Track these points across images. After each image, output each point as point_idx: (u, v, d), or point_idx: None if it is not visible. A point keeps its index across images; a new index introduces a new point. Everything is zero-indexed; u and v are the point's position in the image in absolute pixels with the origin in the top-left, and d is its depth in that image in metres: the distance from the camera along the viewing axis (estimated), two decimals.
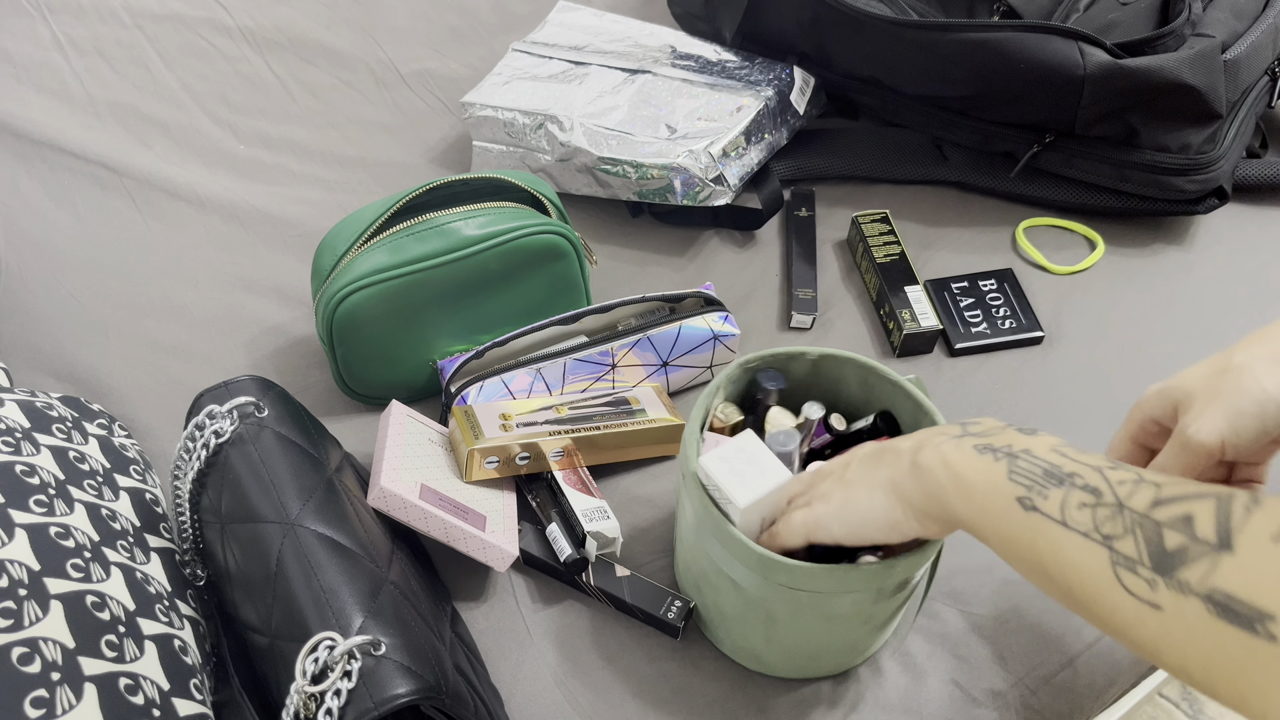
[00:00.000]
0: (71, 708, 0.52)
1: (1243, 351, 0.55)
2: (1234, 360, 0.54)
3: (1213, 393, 0.54)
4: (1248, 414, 0.53)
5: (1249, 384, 0.53)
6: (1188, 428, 0.54)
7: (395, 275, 0.80)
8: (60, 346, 0.93)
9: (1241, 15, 0.96)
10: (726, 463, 0.62)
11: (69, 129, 1.12)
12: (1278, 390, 0.53)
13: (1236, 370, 0.54)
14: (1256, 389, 0.53)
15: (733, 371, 0.70)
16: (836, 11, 1.00)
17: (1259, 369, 0.53)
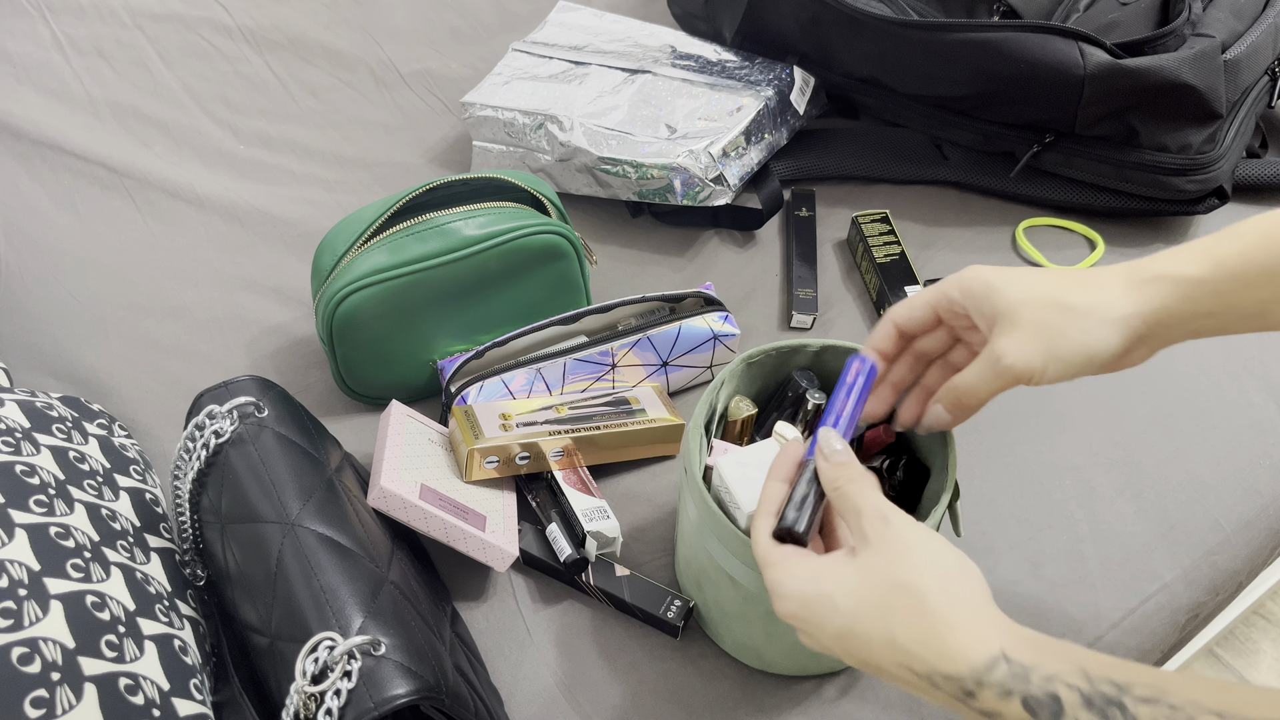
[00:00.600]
0: (71, 708, 0.52)
1: (1080, 292, 0.53)
2: (1070, 299, 0.53)
3: (1040, 326, 0.52)
4: (1066, 362, 0.52)
5: (1078, 337, 0.52)
6: (1005, 356, 0.53)
7: (395, 275, 0.80)
8: (60, 346, 0.93)
9: (1241, 15, 0.96)
10: (742, 468, 0.62)
11: (69, 129, 1.12)
12: (1101, 349, 0.52)
13: (1072, 313, 0.52)
14: (1081, 344, 0.52)
15: (736, 367, 0.70)
16: (836, 11, 1.00)
17: (1092, 324, 0.52)
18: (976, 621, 0.47)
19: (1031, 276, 0.55)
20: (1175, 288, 0.52)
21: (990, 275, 0.55)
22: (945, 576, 0.48)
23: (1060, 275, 0.55)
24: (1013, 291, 0.54)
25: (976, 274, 0.56)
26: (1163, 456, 0.84)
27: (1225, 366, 0.89)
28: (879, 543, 0.49)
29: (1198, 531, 0.80)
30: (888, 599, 0.48)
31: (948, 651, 0.46)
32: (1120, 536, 0.79)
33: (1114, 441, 0.84)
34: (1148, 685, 0.43)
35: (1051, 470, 0.83)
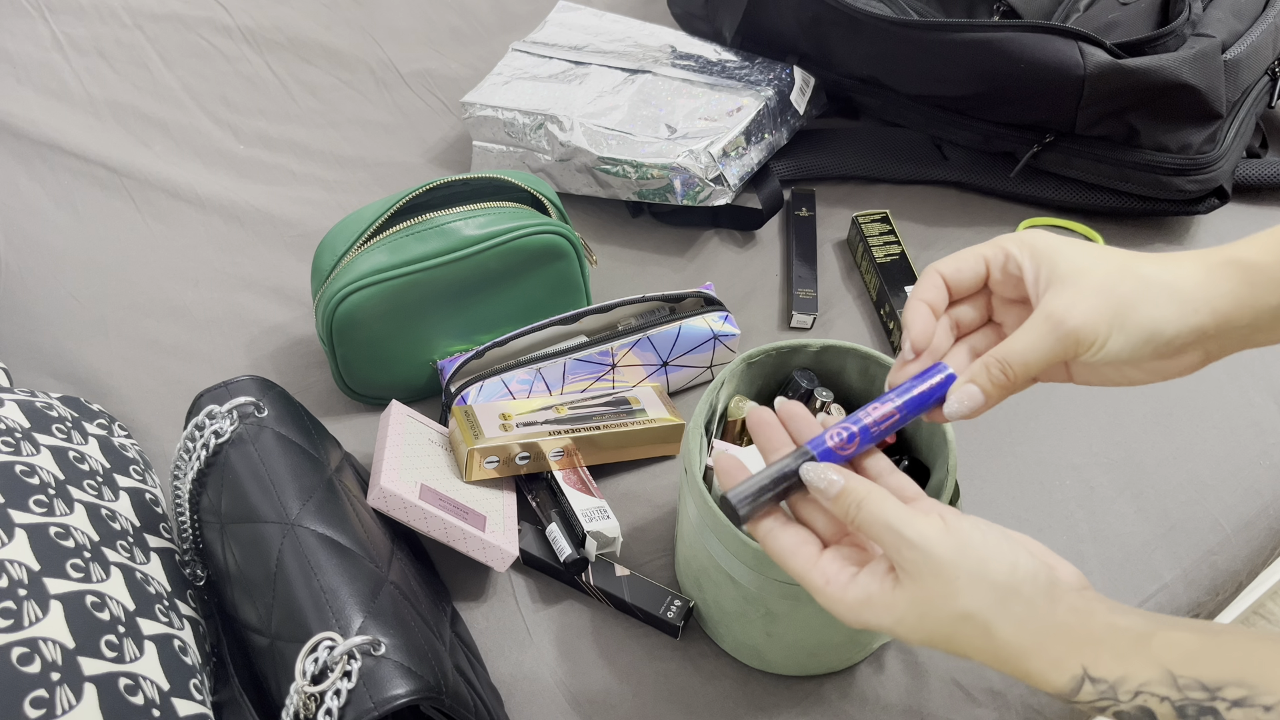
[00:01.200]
0: (71, 708, 0.52)
1: (1152, 264, 0.49)
2: (1142, 269, 0.49)
3: (1108, 289, 0.48)
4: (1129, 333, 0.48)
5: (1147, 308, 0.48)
6: (1068, 316, 0.48)
7: (395, 275, 0.80)
8: (60, 346, 0.93)
9: (1241, 15, 0.96)
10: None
11: (69, 129, 1.12)
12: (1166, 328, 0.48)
13: (1145, 281, 0.48)
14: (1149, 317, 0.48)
15: (736, 367, 0.70)
16: (836, 11, 1.00)
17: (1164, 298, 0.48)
18: (1049, 641, 0.45)
19: (1097, 246, 0.50)
20: (1244, 274, 0.48)
21: (1055, 238, 0.51)
22: (1003, 598, 0.45)
23: (1126, 251, 0.50)
24: (1078, 255, 0.49)
25: (1039, 233, 0.51)
26: (1163, 456, 0.84)
27: (1225, 366, 0.89)
28: (924, 574, 0.46)
29: (1198, 531, 0.80)
30: (952, 632, 0.46)
31: (1029, 677, 0.45)
32: (1120, 536, 0.79)
33: (1114, 441, 0.84)
34: (1239, 684, 0.42)
35: (1051, 470, 0.83)
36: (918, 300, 0.53)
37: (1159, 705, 0.43)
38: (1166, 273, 0.48)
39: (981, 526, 0.47)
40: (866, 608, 0.47)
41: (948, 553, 0.46)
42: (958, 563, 0.45)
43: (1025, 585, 0.46)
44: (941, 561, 0.46)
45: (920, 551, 0.46)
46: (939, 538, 0.46)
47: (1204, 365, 0.50)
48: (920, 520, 0.47)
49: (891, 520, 0.47)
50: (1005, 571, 0.46)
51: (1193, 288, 0.48)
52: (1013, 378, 0.50)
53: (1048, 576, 0.46)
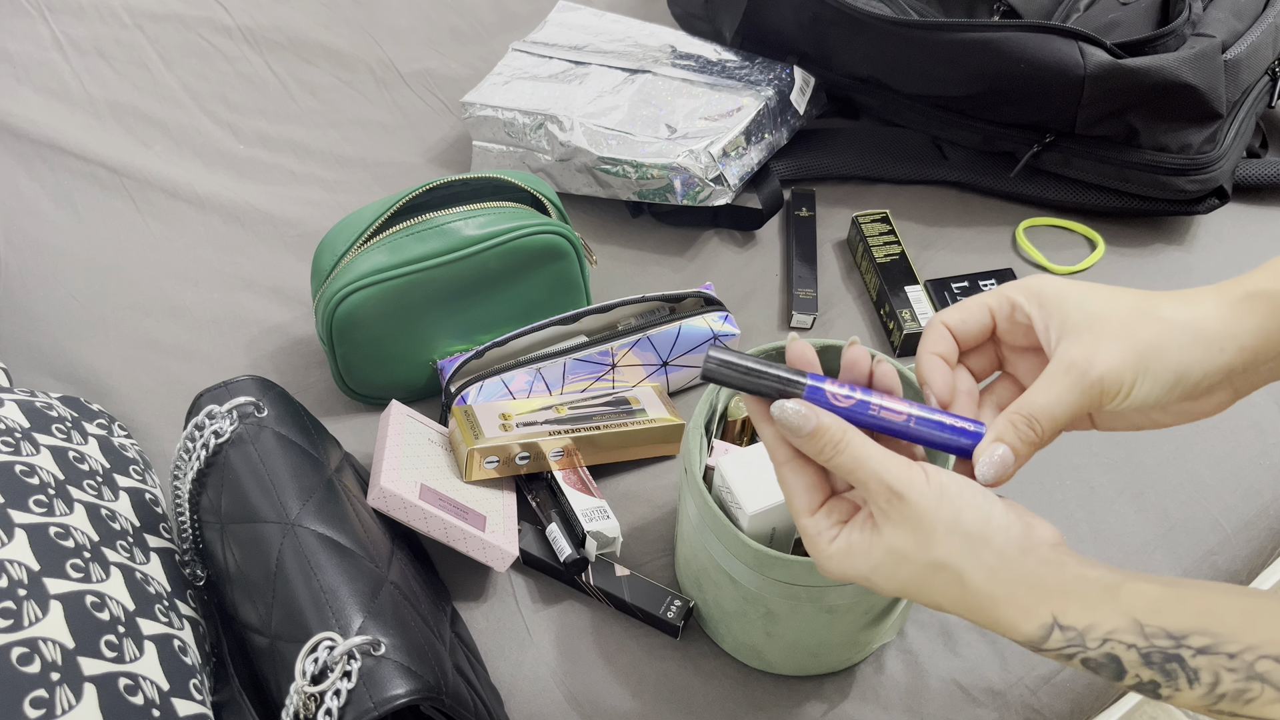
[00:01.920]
0: (71, 708, 0.52)
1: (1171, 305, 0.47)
2: (1162, 311, 0.47)
3: (1129, 334, 0.47)
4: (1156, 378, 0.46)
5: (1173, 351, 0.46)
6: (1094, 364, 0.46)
7: (395, 275, 0.80)
8: (60, 346, 0.93)
9: (1242, 15, 0.96)
10: (744, 468, 0.62)
11: (69, 129, 1.12)
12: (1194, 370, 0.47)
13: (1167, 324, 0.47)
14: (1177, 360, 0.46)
15: None
16: (836, 11, 1.00)
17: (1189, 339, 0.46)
18: (1019, 590, 0.45)
19: (1105, 289, 0.48)
20: (1268, 306, 0.47)
21: (1062, 283, 0.49)
22: (976, 547, 0.45)
23: (1140, 290, 0.49)
24: (1092, 302, 0.48)
25: (1046, 280, 0.50)
26: (1163, 456, 0.84)
27: None
28: (900, 521, 0.46)
29: (1198, 531, 0.80)
30: (926, 580, 0.46)
31: (999, 625, 0.46)
32: (1120, 536, 0.79)
33: (1114, 441, 0.84)
34: (1203, 632, 0.42)
35: (1051, 470, 0.83)
36: (929, 354, 0.51)
37: (1125, 652, 0.43)
38: (1187, 313, 0.47)
39: (959, 480, 0.47)
40: (846, 558, 0.48)
41: (927, 502, 0.45)
42: (935, 512, 0.45)
43: (998, 535, 0.46)
44: (920, 509, 0.45)
45: (901, 498, 0.46)
46: (920, 486, 0.46)
47: (1234, 403, 0.50)
48: (902, 467, 0.46)
49: (874, 465, 0.46)
50: (979, 521, 0.46)
51: (1217, 327, 0.47)
52: (1041, 433, 0.48)
53: (1021, 530, 0.46)
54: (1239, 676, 0.42)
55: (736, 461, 0.62)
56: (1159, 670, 0.43)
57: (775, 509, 0.61)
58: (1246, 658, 0.42)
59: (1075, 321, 0.48)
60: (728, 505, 0.63)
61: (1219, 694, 0.42)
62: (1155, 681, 0.43)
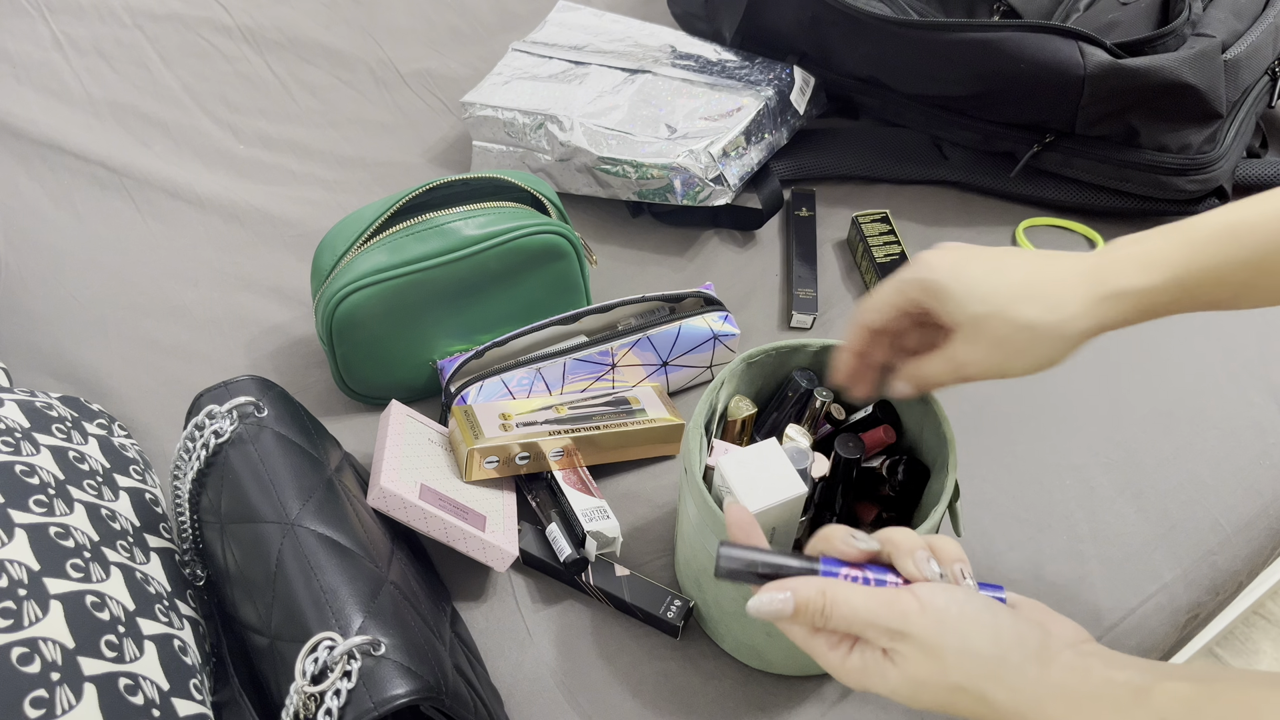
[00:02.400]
0: (71, 708, 0.52)
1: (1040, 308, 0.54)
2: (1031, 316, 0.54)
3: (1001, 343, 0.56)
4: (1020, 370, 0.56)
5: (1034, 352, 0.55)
6: (967, 365, 0.57)
7: (395, 275, 0.80)
8: (60, 346, 0.93)
9: (1242, 15, 0.96)
10: (744, 467, 0.62)
11: (69, 129, 1.12)
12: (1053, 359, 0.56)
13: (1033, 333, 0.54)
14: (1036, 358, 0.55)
15: (736, 367, 0.70)
16: (836, 11, 1.00)
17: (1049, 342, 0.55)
18: (1047, 705, 0.45)
19: (991, 279, 0.56)
20: (1134, 302, 0.54)
21: (947, 277, 0.56)
22: (992, 668, 0.46)
23: (1021, 278, 0.55)
24: (969, 305, 0.56)
25: (934, 273, 0.57)
26: (1163, 456, 0.84)
27: (1225, 366, 0.89)
28: (909, 654, 0.47)
29: (1198, 531, 0.80)
30: (949, 701, 0.47)
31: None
32: (1120, 536, 0.79)
33: (1114, 441, 0.84)
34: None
35: (1051, 470, 0.83)
36: (848, 352, 0.64)
37: None
38: (1055, 314, 0.54)
39: (959, 598, 0.47)
40: (865, 676, 0.48)
41: (928, 633, 0.46)
42: (941, 641, 0.46)
43: (1013, 652, 0.46)
44: (925, 642, 0.46)
45: (903, 635, 0.46)
46: (917, 619, 0.46)
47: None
48: (894, 605, 0.47)
49: (866, 615, 0.47)
50: (989, 641, 0.46)
51: (1079, 324, 0.54)
52: (926, 388, 0.62)
53: (1038, 638, 0.47)
54: None
55: (736, 461, 0.62)
56: None
57: (776, 508, 0.61)
58: None
59: (961, 323, 0.57)
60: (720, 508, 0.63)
61: None
62: None
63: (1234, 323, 0.93)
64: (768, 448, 0.63)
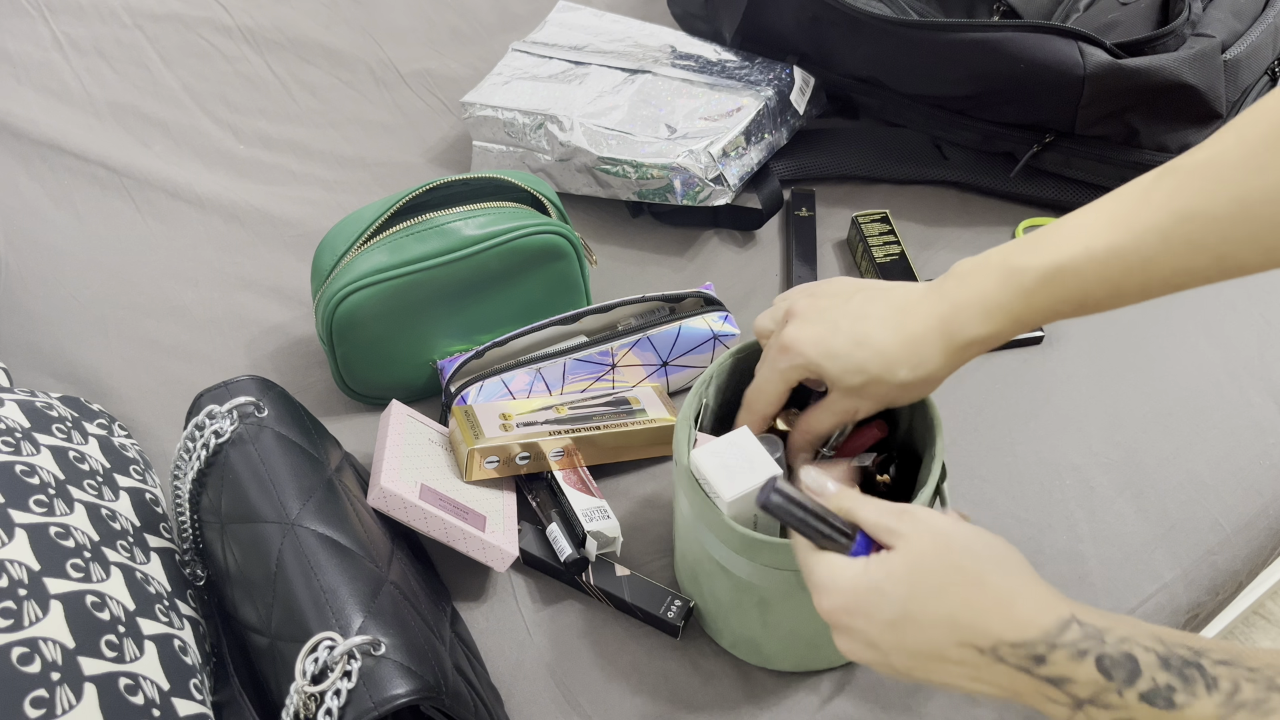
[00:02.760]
0: (71, 708, 0.52)
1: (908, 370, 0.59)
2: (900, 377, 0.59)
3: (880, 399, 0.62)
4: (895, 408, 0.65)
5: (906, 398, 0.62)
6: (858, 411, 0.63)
7: (395, 275, 0.80)
8: (60, 346, 0.93)
9: (1241, 15, 0.96)
10: (718, 457, 0.62)
11: (69, 129, 1.12)
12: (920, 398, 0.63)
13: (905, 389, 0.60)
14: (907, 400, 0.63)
15: (724, 362, 0.70)
16: (836, 11, 1.00)
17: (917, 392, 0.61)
18: (1040, 591, 0.47)
19: (858, 354, 0.60)
20: (983, 345, 0.59)
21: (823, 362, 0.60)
22: (996, 557, 0.49)
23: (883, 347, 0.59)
24: (849, 377, 0.60)
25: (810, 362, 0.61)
26: (1163, 456, 0.84)
27: (1225, 366, 0.89)
28: (918, 535, 0.49)
29: (1198, 531, 0.80)
30: (944, 581, 0.48)
31: (1016, 620, 0.46)
32: (1120, 536, 0.79)
33: (1114, 441, 0.84)
34: (1222, 651, 0.43)
35: (1051, 470, 0.83)
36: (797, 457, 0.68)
37: (1144, 654, 0.43)
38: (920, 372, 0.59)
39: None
40: (860, 573, 0.50)
41: (938, 519, 0.51)
42: (955, 531, 0.50)
43: (1017, 558, 0.49)
44: (938, 527, 0.50)
45: (919, 520, 0.50)
46: (940, 515, 0.51)
47: None
48: (921, 507, 0.52)
49: (889, 504, 0.52)
50: (1000, 547, 0.50)
51: (942, 374, 0.60)
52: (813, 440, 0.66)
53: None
54: (1259, 687, 0.41)
55: (710, 452, 0.63)
56: (1177, 674, 0.42)
57: (750, 495, 0.62)
58: (1267, 672, 0.41)
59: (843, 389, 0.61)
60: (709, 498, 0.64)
61: (1238, 703, 0.41)
62: (1171, 686, 0.42)
63: (1234, 323, 0.93)
64: (739, 436, 0.64)
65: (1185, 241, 0.52)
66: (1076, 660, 0.44)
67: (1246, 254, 0.51)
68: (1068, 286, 0.55)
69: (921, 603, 0.48)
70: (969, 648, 0.47)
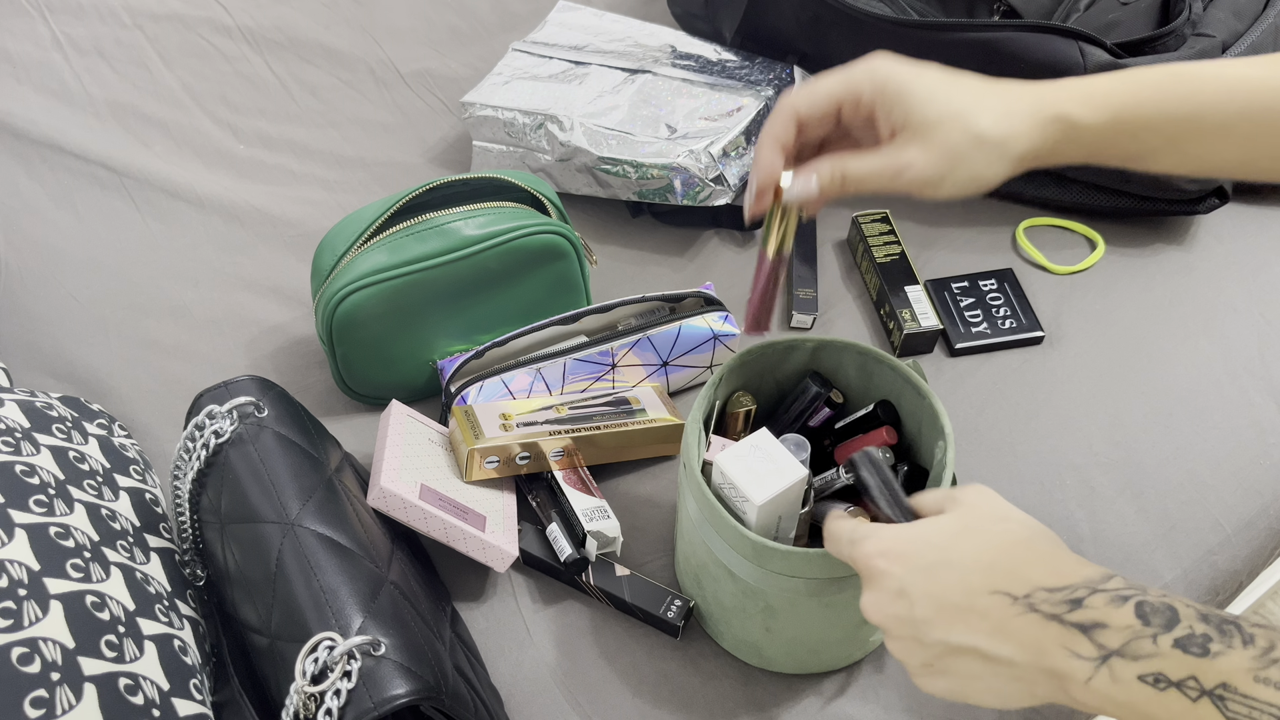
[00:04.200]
0: (71, 708, 0.52)
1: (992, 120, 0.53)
2: (983, 127, 0.53)
3: (951, 150, 0.53)
4: (958, 185, 0.54)
5: (979, 167, 0.53)
6: (911, 167, 0.53)
7: (395, 275, 0.80)
8: (60, 346, 0.93)
9: (1242, 15, 0.96)
10: (742, 460, 0.62)
11: (69, 129, 1.12)
12: (990, 179, 0.54)
13: (983, 144, 0.53)
14: (978, 173, 0.54)
15: (733, 364, 0.70)
16: (836, 11, 1.00)
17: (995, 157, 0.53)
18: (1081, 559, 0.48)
19: (947, 87, 0.54)
20: (1071, 132, 0.54)
21: (906, 78, 0.54)
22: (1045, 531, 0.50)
23: (976, 88, 0.54)
24: (929, 106, 0.53)
25: (891, 73, 0.54)
26: (1163, 456, 0.84)
27: (1225, 366, 0.89)
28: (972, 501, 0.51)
29: (1198, 532, 0.80)
30: (991, 533, 0.49)
31: (1058, 568, 0.47)
32: (1120, 536, 0.79)
33: (1114, 441, 0.84)
34: (1259, 619, 0.43)
35: (1051, 470, 0.83)
36: (770, 138, 0.56)
37: (1184, 607, 0.43)
38: (1004, 128, 0.53)
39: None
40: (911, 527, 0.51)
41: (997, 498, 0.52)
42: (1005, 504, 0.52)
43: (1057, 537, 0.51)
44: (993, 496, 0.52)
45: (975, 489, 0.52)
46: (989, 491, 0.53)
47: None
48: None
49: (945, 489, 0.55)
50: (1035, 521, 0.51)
51: (1021, 146, 0.53)
52: (845, 189, 0.56)
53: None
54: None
55: (734, 456, 0.63)
56: (1215, 627, 0.42)
57: (780, 496, 0.62)
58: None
59: (913, 125, 0.53)
60: (731, 500, 0.63)
61: (1274, 658, 0.40)
62: (1208, 635, 0.42)
63: (1234, 323, 0.92)
64: (761, 438, 0.64)
65: None
66: (1116, 605, 0.44)
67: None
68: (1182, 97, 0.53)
69: (963, 550, 0.49)
70: (1002, 595, 0.46)
